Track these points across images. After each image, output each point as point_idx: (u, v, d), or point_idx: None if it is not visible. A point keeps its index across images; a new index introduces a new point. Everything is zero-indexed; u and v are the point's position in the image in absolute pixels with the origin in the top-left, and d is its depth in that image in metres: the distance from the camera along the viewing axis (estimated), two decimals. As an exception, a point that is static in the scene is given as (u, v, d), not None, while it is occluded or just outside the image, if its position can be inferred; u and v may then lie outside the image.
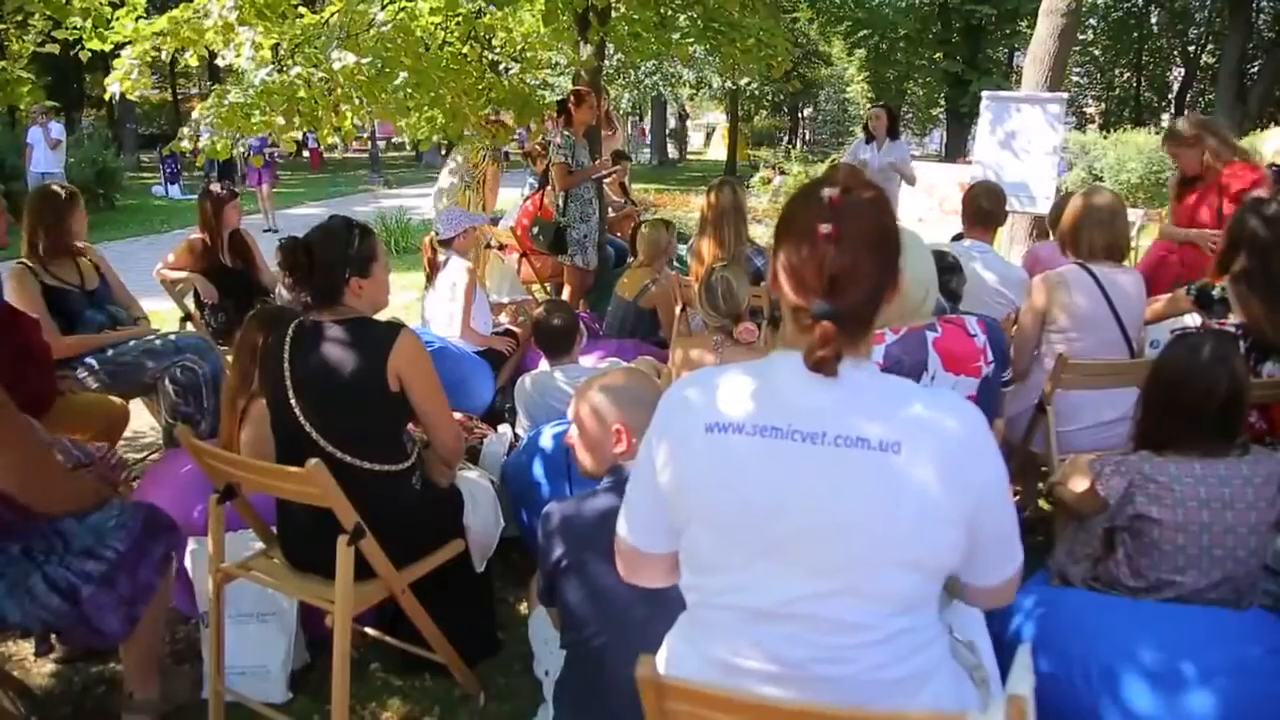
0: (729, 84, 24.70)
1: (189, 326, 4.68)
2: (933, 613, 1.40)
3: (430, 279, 4.81)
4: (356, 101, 4.78)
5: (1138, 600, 2.26)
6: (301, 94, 4.55)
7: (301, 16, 5.04)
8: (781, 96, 30.05)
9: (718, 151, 34.82)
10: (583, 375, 3.47)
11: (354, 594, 2.32)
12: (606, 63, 9.92)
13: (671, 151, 34.74)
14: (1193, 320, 3.78)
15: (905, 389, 1.36)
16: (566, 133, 5.84)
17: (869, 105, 16.87)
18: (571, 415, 2.21)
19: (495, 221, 7.52)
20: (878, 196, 1.34)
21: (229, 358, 3.39)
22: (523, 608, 3.17)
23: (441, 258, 4.73)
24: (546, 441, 3.14)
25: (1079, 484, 2.37)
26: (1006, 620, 2.38)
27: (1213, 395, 2.23)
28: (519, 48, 8.30)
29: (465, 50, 5.57)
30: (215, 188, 4.95)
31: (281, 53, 4.84)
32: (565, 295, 6.09)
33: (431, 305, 4.76)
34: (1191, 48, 35.68)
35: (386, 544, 2.39)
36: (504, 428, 3.88)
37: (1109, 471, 2.29)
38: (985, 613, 1.93)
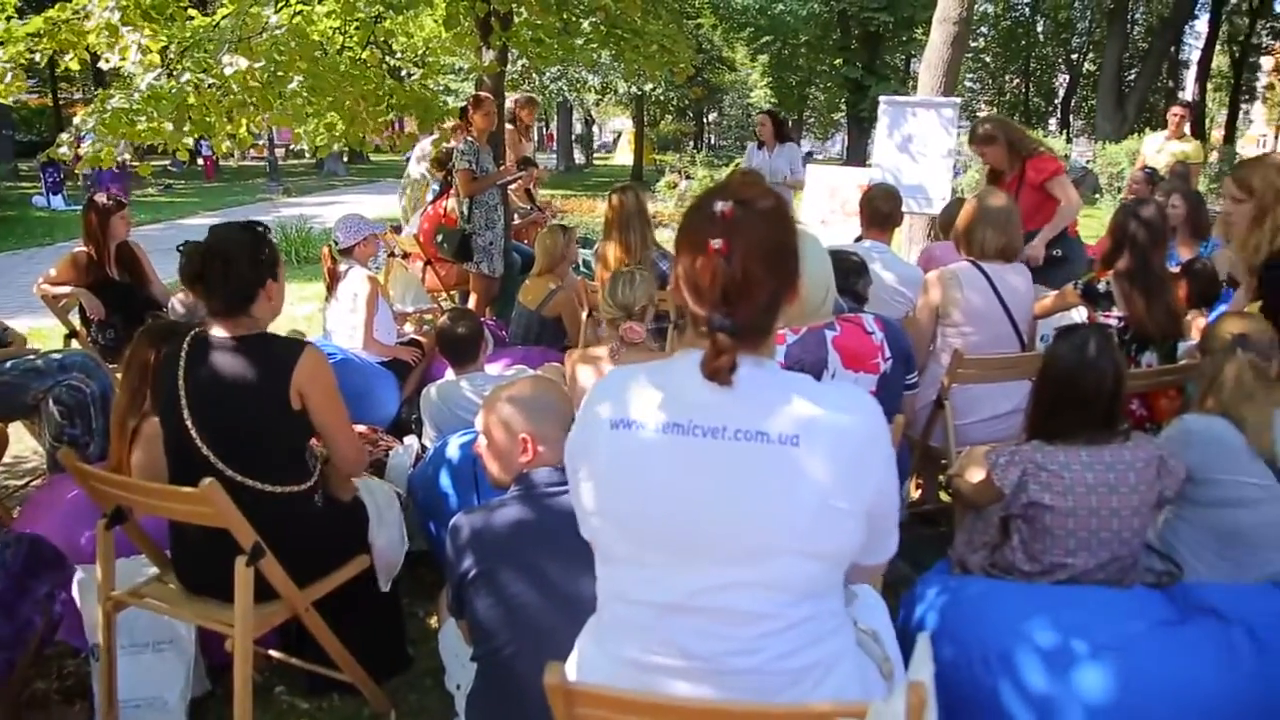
0: (634, 89, 24.82)
1: (74, 344, 4.46)
2: (836, 601, 1.45)
3: (331, 289, 4.70)
4: (251, 108, 4.63)
5: (1031, 584, 2.35)
6: (192, 100, 4.38)
7: (192, 19, 4.86)
8: (687, 102, 30.36)
9: (624, 156, 34.93)
10: (489, 384, 3.43)
11: (255, 616, 2.25)
12: (510, 68, 9.85)
13: (578, 156, 34.74)
14: (1080, 314, 3.96)
15: (805, 385, 1.39)
16: (469, 138, 5.78)
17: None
18: (480, 425, 2.18)
19: (398, 229, 7.40)
20: (773, 206, 1.35)
21: (119, 376, 3.24)
22: (433, 621, 3.11)
23: (342, 267, 4.62)
24: (453, 452, 3.10)
25: (976, 475, 2.46)
26: (909, 610, 2.45)
27: (1101, 389, 2.36)
28: (420, 53, 8.20)
29: (365, 55, 5.46)
30: (100, 198, 4.73)
31: (170, 56, 4.66)
32: (471, 303, 6.02)
33: (333, 316, 4.65)
34: (1074, 56, 37.50)
35: (288, 563, 2.32)
36: (410, 439, 3.81)
37: (1003, 462, 2.38)
38: (889, 602, 1.99)
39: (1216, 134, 31.82)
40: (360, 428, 3.72)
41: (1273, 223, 2.92)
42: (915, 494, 4.01)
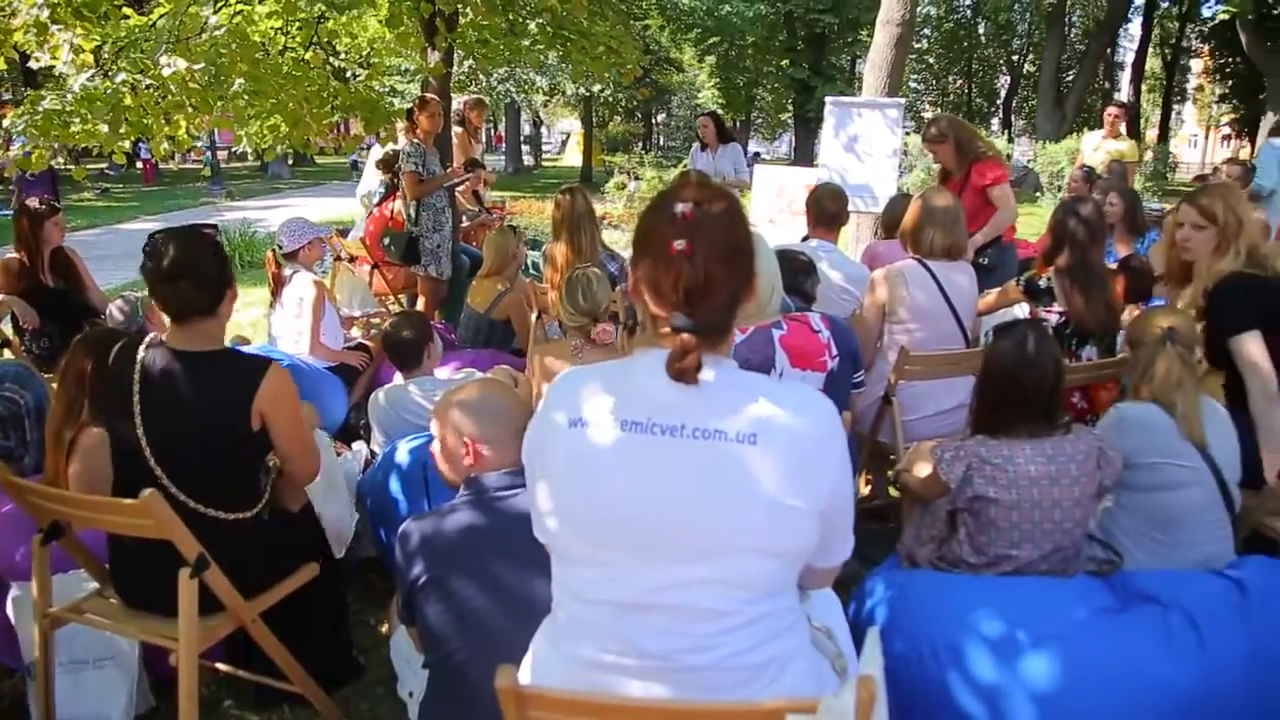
0: (582, 90, 24.79)
1: (7, 353, 4.34)
2: (792, 599, 1.46)
3: (276, 294, 4.62)
4: (190, 109, 4.53)
5: (977, 576, 2.39)
6: (128, 101, 4.28)
7: (127, 18, 4.75)
8: (635, 103, 30.40)
9: (573, 157, 34.90)
10: (438, 388, 3.41)
11: (200, 629, 2.20)
12: (457, 69, 9.77)
13: (527, 158, 34.61)
14: (1022, 310, 4.05)
15: (762, 384, 1.41)
16: (415, 140, 5.72)
17: (719, 111, 17.23)
18: (434, 429, 2.17)
19: (344, 233, 7.30)
20: (729, 207, 1.37)
21: (54, 386, 3.15)
22: (384, 629, 3.07)
23: (287, 271, 4.55)
24: (402, 457, 3.07)
25: (923, 470, 2.50)
26: (860, 605, 2.48)
27: (1042, 383, 2.43)
28: (365, 54, 8.10)
29: (308, 56, 5.37)
30: (32, 202, 4.61)
31: (105, 56, 4.54)
32: (420, 306, 5.96)
33: (279, 321, 4.57)
34: (1015, 57, 38.34)
35: (234, 576, 2.27)
36: (359, 445, 3.77)
37: (949, 457, 2.42)
38: (839, 598, 2.01)
39: (1151, 134, 32.68)
40: (307, 435, 3.67)
41: (1236, 250, 2.99)
42: (865, 490, 4.06)
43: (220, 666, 2.70)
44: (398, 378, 3.65)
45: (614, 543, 1.37)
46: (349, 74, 8.36)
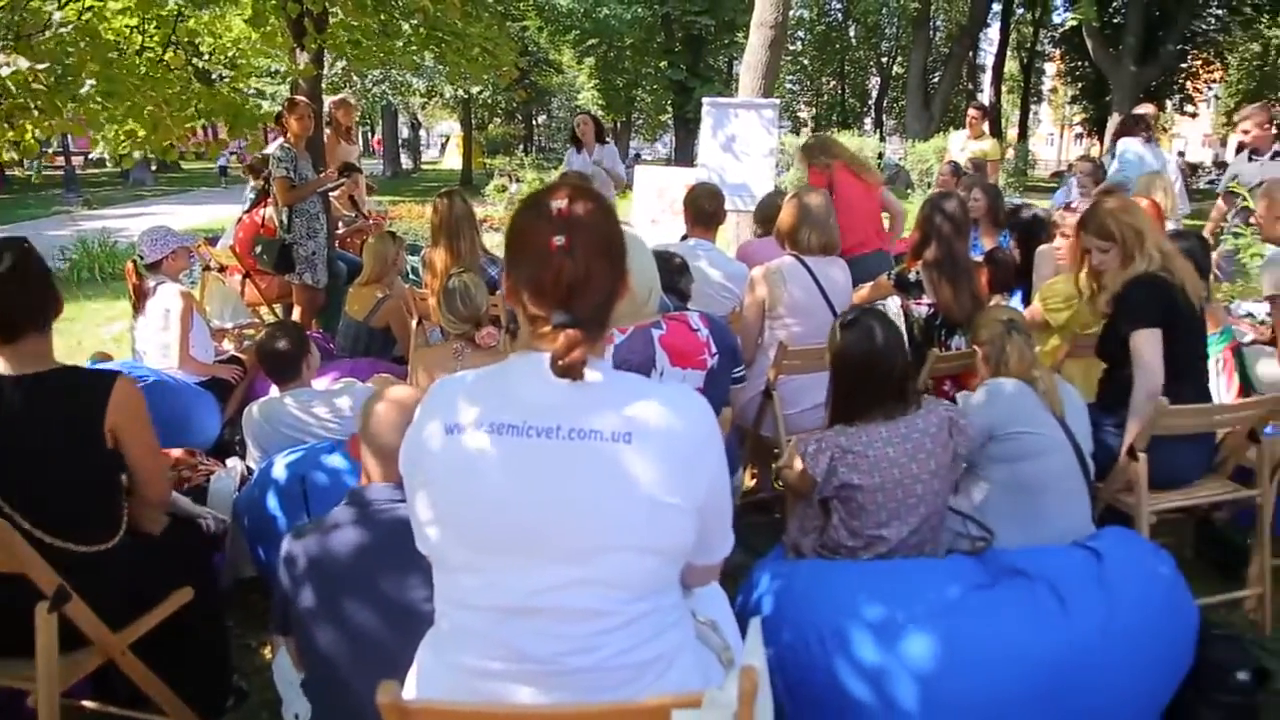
0: (461, 92, 24.47)
1: None
2: (675, 595, 1.48)
3: (138, 306, 4.40)
4: (36, 112, 4.26)
5: (857, 561, 2.48)
6: (-39, 103, 4.00)
7: (-43, 13, 4.43)
8: (515, 104, 30.22)
9: (453, 160, 34.41)
10: (315, 399, 3.31)
11: (61, 666, 2.08)
12: (330, 71, 9.50)
13: (405, 161, 33.97)
14: (894, 302, 4.20)
15: (637, 384, 1.43)
16: (286, 144, 5.53)
17: (600, 112, 17.30)
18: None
19: (213, 241, 7.01)
20: (603, 205, 1.39)
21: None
22: (267, 652, 2.96)
23: (150, 283, 4.34)
24: (280, 472, 2.97)
25: (797, 464, 2.56)
26: (747, 596, 2.52)
27: (892, 369, 2.55)
28: (230, 54, 7.78)
29: (167, 56, 5.12)
30: None
31: (-67, 55, 4.23)
32: (296, 315, 5.77)
33: (143, 335, 4.36)
34: (884, 59, 39.76)
35: (99, 606, 2.15)
36: (233, 461, 3.62)
37: (812, 451, 2.51)
38: (727, 591, 2.04)
39: (1012, 133, 34.36)
40: (177, 451, 3.51)
41: (1146, 255, 3.09)
42: (750, 483, 4.13)
43: (87, 704, 2.55)
44: (273, 390, 3.53)
45: (493, 547, 1.36)
46: (215, 75, 8.03)
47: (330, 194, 6.05)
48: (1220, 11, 26.41)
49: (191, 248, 4.76)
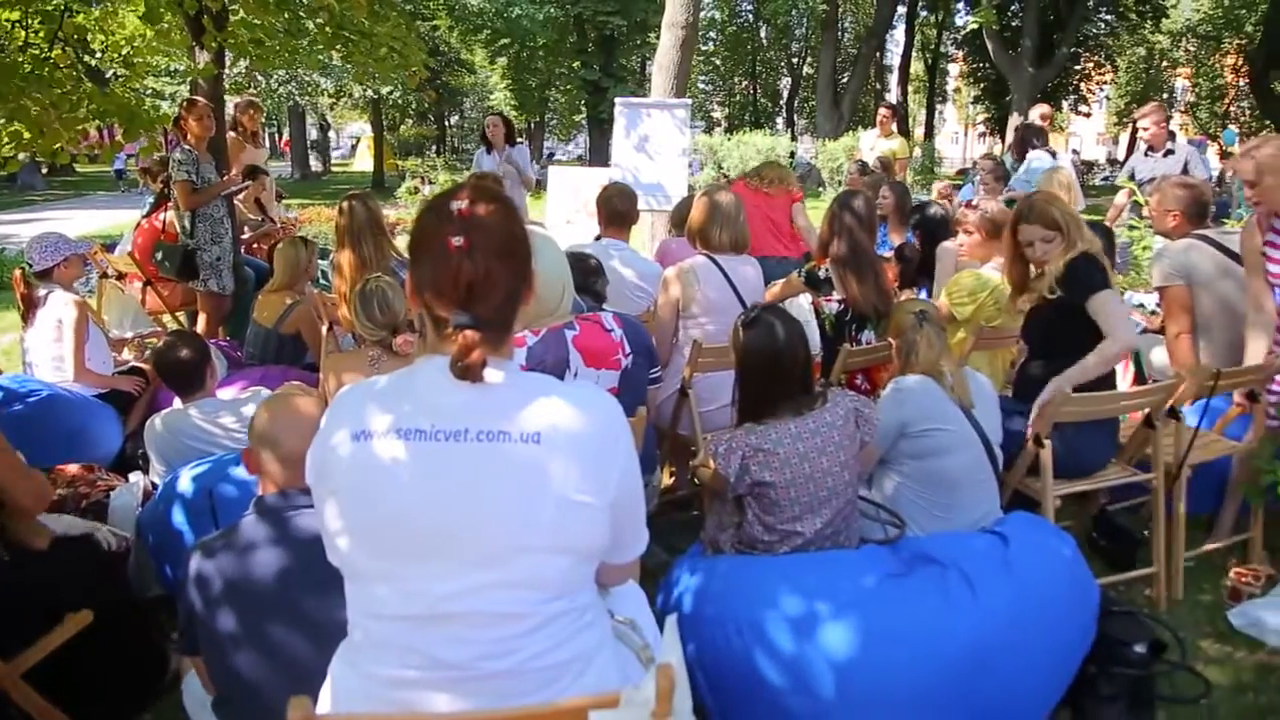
0: (371, 93, 24.01)
1: None
2: (590, 595, 1.47)
3: (27, 317, 4.20)
4: (-94, 115, 4.03)
5: (774, 555, 2.51)
6: None
7: None
8: (426, 105, 29.77)
9: (364, 162, 33.73)
10: (221, 409, 3.21)
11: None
12: (233, 70, 9.21)
13: (315, 164, 33.20)
14: (805, 299, 4.27)
15: (544, 384, 1.42)
16: (187, 146, 5.33)
17: (513, 113, 17.19)
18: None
19: (110, 247, 6.74)
20: (505, 205, 1.38)
21: None
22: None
23: (41, 292, 4.14)
24: (186, 486, 2.87)
25: (710, 464, 2.58)
26: (667, 594, 2.54)
27: (795, 364, 2.59)
28: (124, 53, 7.47)
29: (54, 54, 4.89)
30: None
31: None
32: (201, 324, 5.58)
33: (35, 347, 4.16)
34: (795, 60, 40.40)
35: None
36: (135, 476, 3.48)
37: (724, 451, 2.53)
38: (647, 589, 2.04)
39: (919, 131, 35.28)
40: (73, 467, 3.36)
41: (1084, 238, 3.17)
42: (669, 481, 4.15)
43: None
44: (177, 402, 3.40)
45: (405, 554, 1.34)
46: (108, 75, 7.70)
47: (235, 198, 5.87)
48: (1109, 17, 27.65)
49: (86, 255, 4.56)
